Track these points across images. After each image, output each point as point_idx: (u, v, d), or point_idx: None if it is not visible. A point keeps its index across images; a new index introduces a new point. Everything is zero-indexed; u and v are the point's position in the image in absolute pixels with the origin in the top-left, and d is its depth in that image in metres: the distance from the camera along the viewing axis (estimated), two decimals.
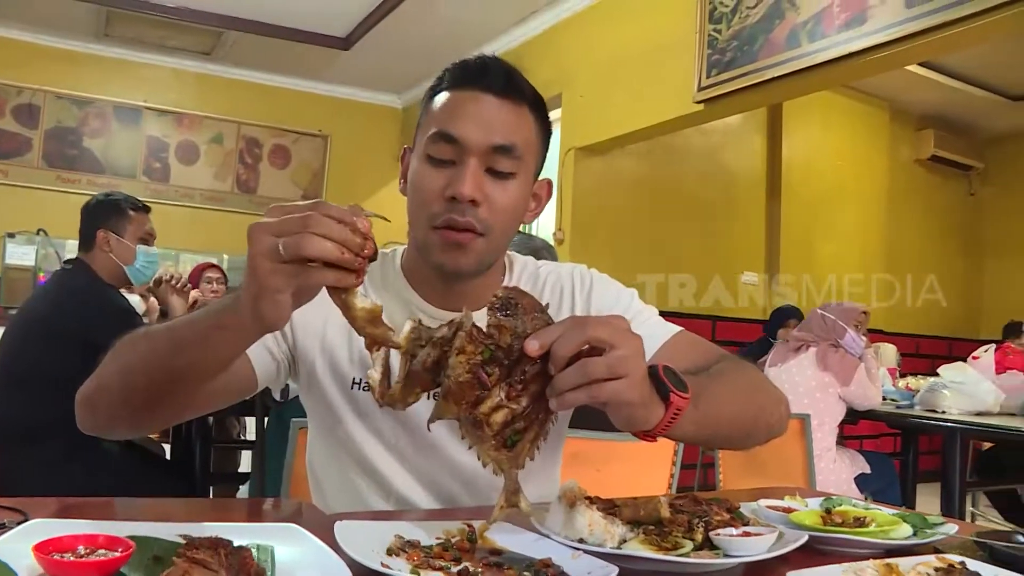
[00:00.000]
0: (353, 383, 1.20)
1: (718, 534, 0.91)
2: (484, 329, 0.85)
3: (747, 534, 0.91)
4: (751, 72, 3.93)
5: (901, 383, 4.17)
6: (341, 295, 0.82)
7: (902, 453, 4.24)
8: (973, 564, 0.86)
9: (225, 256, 6.71)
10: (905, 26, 3.22)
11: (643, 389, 0.88)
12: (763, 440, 1.16)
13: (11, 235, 5.46)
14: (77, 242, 2.79)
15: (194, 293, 3.75)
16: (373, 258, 0.82)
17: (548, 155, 1.27)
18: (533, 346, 0.83)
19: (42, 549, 0.66)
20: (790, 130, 6.23)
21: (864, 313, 3.68)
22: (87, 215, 2.79)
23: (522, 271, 1.32)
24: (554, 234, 5.12)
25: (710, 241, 5.78)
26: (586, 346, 0.84)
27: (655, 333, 1.24)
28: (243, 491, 3.50)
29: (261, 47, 6.21)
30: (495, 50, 5.92)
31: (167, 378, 0.95)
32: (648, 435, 0.93)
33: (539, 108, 1.20)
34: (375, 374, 0.88)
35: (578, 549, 0.87)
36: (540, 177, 1.25)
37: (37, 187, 6.02)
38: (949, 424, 3.34)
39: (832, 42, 3.52)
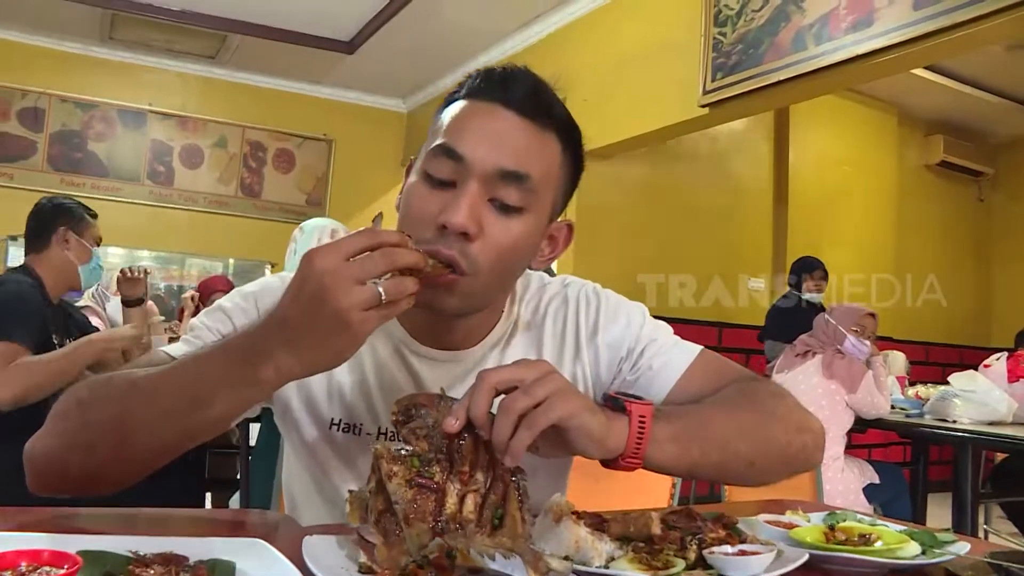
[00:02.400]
0: (332, 424, 1.10)
1: (712, 552, 0.86)
2: (398, 445, 0.82)
3: (743, 552, 0.86)
4: (756, 75, 3.88)
5: (911, 391, 4.10)
6: None
7: (912, 463, 4.17)
8: None
9: (231, 260, 6.70)
10: (913, 28, 3.17)
11: (578, 399, 0.84)
12: (781, 472, 1.03)
13: (13, 238, 5.42)
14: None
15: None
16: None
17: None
18: (451, 423, 0.79)
19: None
20: (797, 135, 6.18)
21: (870, 315, 3.59)
22: (43, 215, 2.76)
23: (521, 302, 1.17)
24: None
25: (716, 246, 5.73)
26: (498, 396, 0.81)
27: (672, 363, 1.12)
28: (236, 498, 3.46)
29: (265, 51, 6.19)
30: (498, 55, 5.89)
31: (176, 439, 0.89)
32: (628, 460, 0.87)
33: (569, 136, 1.03)
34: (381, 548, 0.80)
35: None
36: (561, 219, 1.07)
37: (41, 190, 5.97)
38: (960, 434, 3.27)
39: (838, 44, 3.47)
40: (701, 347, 1.15)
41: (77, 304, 3.27)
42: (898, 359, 4.60)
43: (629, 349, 1.15)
